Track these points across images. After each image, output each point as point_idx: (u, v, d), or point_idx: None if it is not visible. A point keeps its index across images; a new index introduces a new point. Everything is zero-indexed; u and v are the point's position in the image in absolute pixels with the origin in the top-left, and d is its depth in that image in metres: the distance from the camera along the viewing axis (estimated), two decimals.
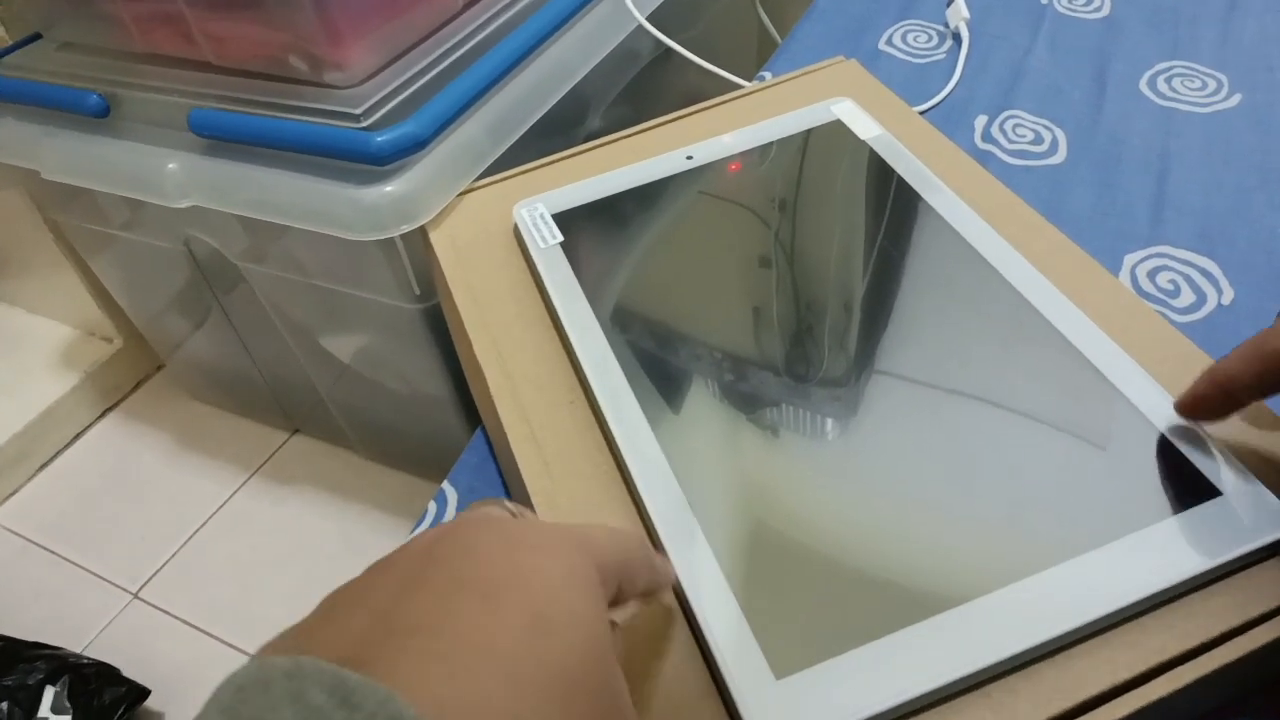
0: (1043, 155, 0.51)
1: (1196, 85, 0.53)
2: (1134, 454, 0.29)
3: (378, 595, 0.19)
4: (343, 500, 1.00)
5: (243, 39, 0.57)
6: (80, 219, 0.80)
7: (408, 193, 0.50)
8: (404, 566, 0.20)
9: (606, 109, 0.71)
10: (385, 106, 0.54)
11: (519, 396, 0.36)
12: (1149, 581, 0.26)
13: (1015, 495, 0.29)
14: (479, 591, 0.19)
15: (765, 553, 0.29)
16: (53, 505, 1.06)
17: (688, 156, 0.44)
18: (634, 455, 0.32)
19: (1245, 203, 0.46)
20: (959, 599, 0.27)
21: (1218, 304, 0.42)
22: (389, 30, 0.56)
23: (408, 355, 0.72)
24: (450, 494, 0.41)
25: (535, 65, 0.58)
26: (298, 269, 0.69)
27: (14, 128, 0.66)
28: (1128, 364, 0.32)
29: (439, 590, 0.19)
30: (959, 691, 0.25)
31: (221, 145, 0.57)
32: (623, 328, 0.36)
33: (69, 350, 1.16)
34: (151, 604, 0.94)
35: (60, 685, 0.78)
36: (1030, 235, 0.38)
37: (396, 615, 0.18)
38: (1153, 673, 0.25)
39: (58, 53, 0.68)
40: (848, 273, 0.38)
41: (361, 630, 0.18)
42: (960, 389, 0.32)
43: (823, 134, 0.44)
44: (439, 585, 0.19)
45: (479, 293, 0.40)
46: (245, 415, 1.10)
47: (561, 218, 0.42)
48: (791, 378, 0.34)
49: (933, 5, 0.64)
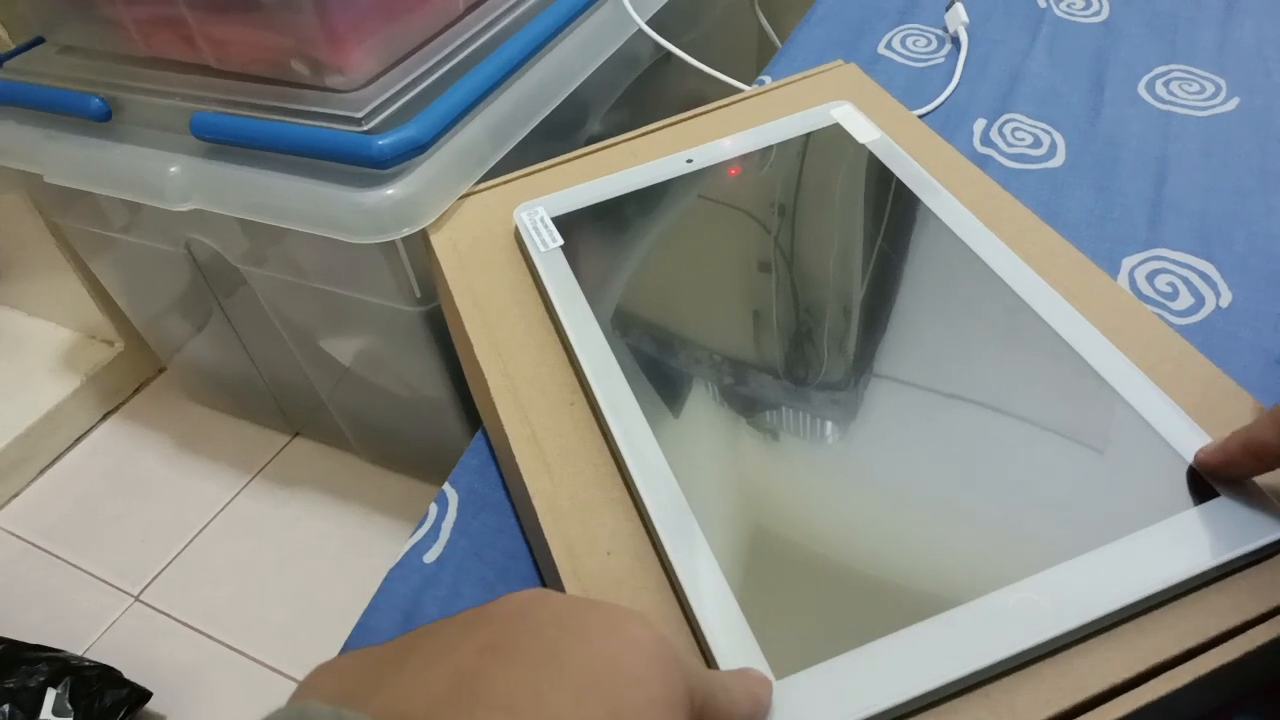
0: (1041, 158, 0.51)
1: (1195, 89, 0.53)
2: (1132, 455, 0.30)
3: (463, 655, 0.18)
4: (344, 503, 1.00)
5: (244, 43, 0.57)
6: (82, 222, 0.80)
7: (409, 196, 0.50)
8: (497, 627, 0.19)
9: (607, 113, 0.72)
10: (386, 110, 0.54)
11: (520, 398, 0.36)
12: (1147, 582, 0.26)
13: (1014, 496, 0.29)
14: (572, 684, 0.17)
15: (765, 553, 0.29)
16: (54, 508, 1.06)
17: (688, 160, 0.44)
18: (634, 457, 0.32)
19: (1243, 205, 0.46)
20: (958, 600, 0.27)
21: (1216, 306, 0.42)
22: (390, 34, 0.57)
23: (408, 358, 0.72)
24: (451, 496, 0.41)
25: (536, 69, 0.58)
26: (299, 272, 0.69)
27: (16, 131, 0.66)
28: (1126, 366, 0.32)
29: (531, 665, 0.17)
30: (958, 692, 0.26)
31: (223, 149, 0.58)
32: (623, 330, 0.37)
33: (70, 353, 1.16)
34: (153, 606, 0.95)
35: (62, 687, 0.78)
36: (1029, 238, 0.38)
37: (481, 684, 0.17)
38: (1151, 673, 0.25)
39: (60, 56, 0.68)
40: (847, 275, 0.38)
41: (441, 691, 0.17)
42: (959, 391, 0.32)
43: (822, 138, 0.44)
44: (532, 660, 0.18)
45: (480, 295, 0.41)
46: (246, 418, 1.11)
47: (562, 221, 0.42)
48: (791, 380, 0.34)
49: (932, 9, 0.64)
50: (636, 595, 0.29)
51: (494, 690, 0.17)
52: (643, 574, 0.30)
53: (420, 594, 0.37)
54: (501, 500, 0.40)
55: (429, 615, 0.37)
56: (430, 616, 0.37)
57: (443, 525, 0.40)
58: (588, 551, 0.31)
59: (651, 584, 0.30)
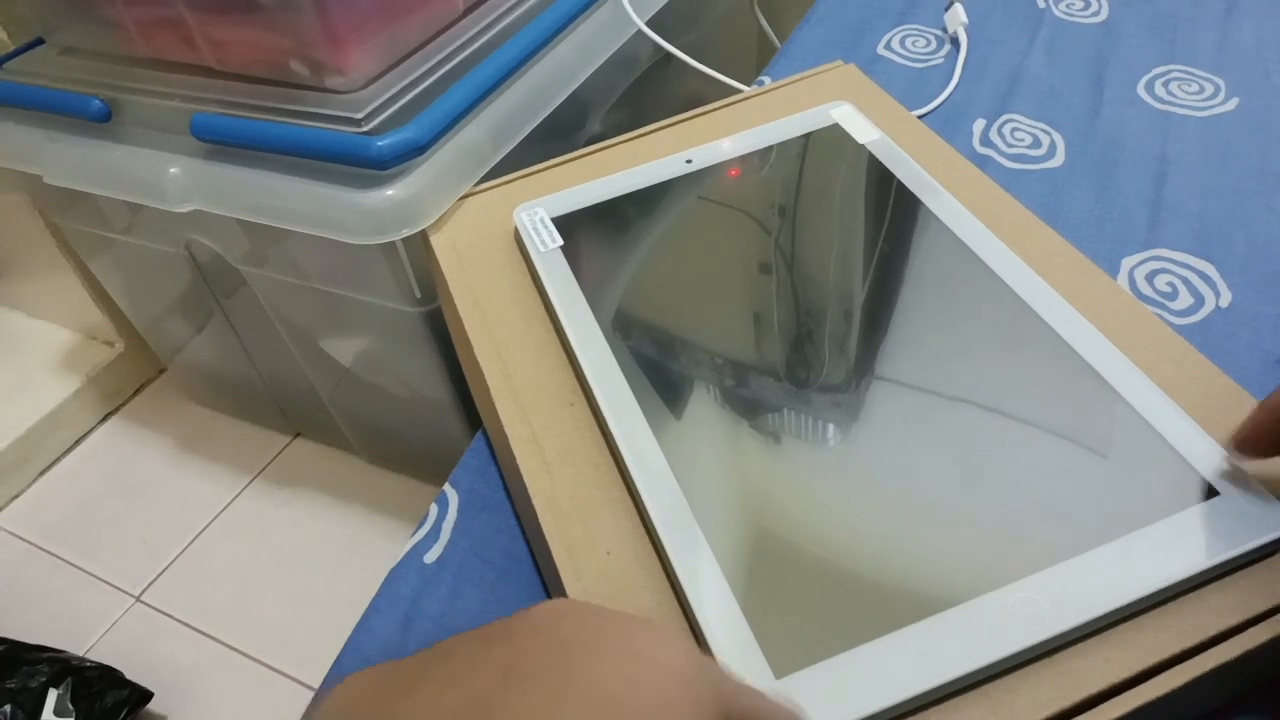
0: (1041, 159, 0.51)
1: (1194, 89, 0.53)
2: (1132, 454, 0.30)
3: (480, 677, 0.17)
4: (344, 503, 1.00)
5: (244, 44, 0.57)
6: (82, 223, 0.81)
7: (409, 197, 0.50)
8: (516, 646, 0.18)
9: (606, 113, 0.72)
10: (386, 111, 0.54)
11: (520, 398, 0.36)
12: (1147, 581, 0.26)
13: (1013, 496, 0.29)
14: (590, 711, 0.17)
15: (765, 552, 0.29)
16: (55, 509, 1.06)
17: (687, 160, 0.44)
18: (634, 456, 0.32)
19: (1243, 206, 0.46)
20: (958, 599, 0.27)
21: (1215, 306, 0.42)
22: (390, 35, 0.57)
23: (408, 358, 0.72)
24: (451, 496, 0.41)
25: (535, 70, 0.58)
26: (299, 273, 0.69)
27: (16, 132, 0.66)
28: (1126, 365, 0.32)
29: (549, 690, 0.17)
30: (958, 691, 0.26)
31: (223, 150, 0.58)
32: (622, 331, 0.37)
33: (71, 354, 1.16)
34: (154, 607, 0.95)
35: (63, 688, 0.78)
36: (1029, 238, 0.38)
37: (496, 710, 0.17)
38: (1151, 672, 0.25)
39: (60, 57, 0.68)
40: (846, 276, 0.38)
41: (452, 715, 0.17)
42: (959, 391, 0.32)
43: (822, 138, 0.44)
44: (551, 684, 0.17)
45: (480, 296, 0.41)
46: (246, 419, 1.11)
47: (562, 221, 0.42)
48: (791, 381, 0.34)
49: (931, 10, 0.64)
50: (636, 594, 0.29)
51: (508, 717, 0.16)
52: (643, 573, 0.30)
53: (421, 594, 0.37)
54: (502, 500, 0.40)
55: (430, 615, 0.37)
56: (431, 616, 0.37)
57: (443, 525, 0.40)
58: (588, 551, 0.31)
59: (651, 583, 0.30)
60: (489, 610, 0.36)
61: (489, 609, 0.37)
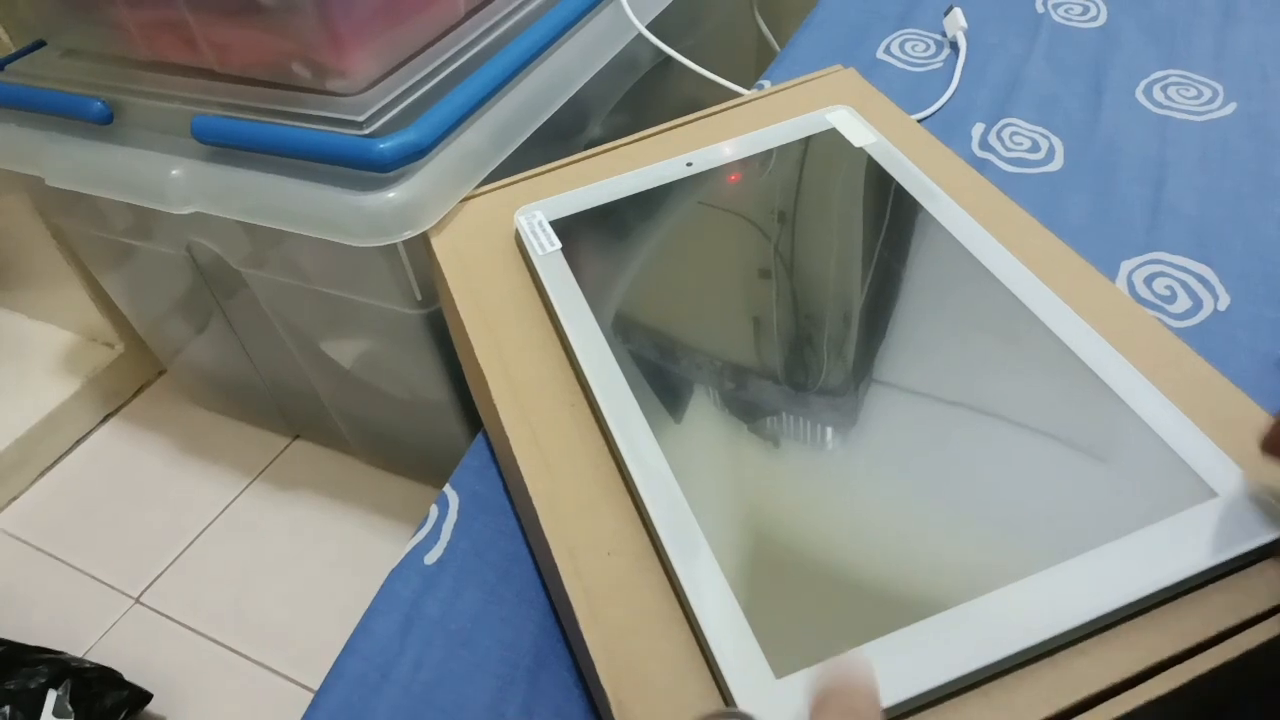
0: (1040, 163, 0.51)
1: (1192, 94, 0.54)
2: (1131, 456, 0.30)
3: None
4: (344, 505, 1.00)
5: (246, 46, 0.57)
6: (83, 225, 0.81)
7: (410, 199, 0.50)
8: None
9: (607, 116, 0.72)
10: (388, 114, 0.54)
11: (520, 399, 0.36)
12: (1146, 582, 0.26)
13: (1013, 497, 0.29)
14: None
15: (765, 553, 0.29)
16: (54, 510, 1.06)
17: (687, 164, 0.45)
18: (635, 458, 0.32)
19: (1241, 209, 0.46)
20: (957, 599, 0.27)
21: (1214, 309, 0.42)
22: (391, 38, 0.57)
23: (409, 360, 0.72)
24: (452, 497, 0.41)
25: (536, 73, 0.58)
26: (299, 275, 0.69)
27: (17, 134, 0.66)
28: (1124, 368, 0.32)
29: None
30: (958, 691, 0.26)
31: (224, 152, 0.58)
32: (623, 333, 0.37)
33: (71, 356, 1.16)
34: (153, 608, 0.95)
35: (62, 689, 0.78)
36: (1028, 242, 0.38)
37: None
38: (1150, 672, 0.26)
39: (62, 59, 0.68)
40: (846, 280, 0.38)
41: None
42: (958, 392, 0.33)
43: (821, 142, 0.45)
44: None
45: (481, 297, 0.41)
46: (246, 420, 1.11)
47: (562, 224, 0.42)
48: (791, 385, 0.34)
49: (930, 14, 0.65)
50: (637, 595, 0.29)
51: None
52: (643, 574, 0.30)
53: (421, 595, 0.37)
54: (502, 502, 0.40)
55: (430, 617, 0.37)
56: (431, 618, 0.37)
57: (444, 527, 0.40)
58: (589, 552, 0.31)
59: (652, 584, 0.30)
60: (489, 611, 0.37)
61: (489, 610, 0.37)
